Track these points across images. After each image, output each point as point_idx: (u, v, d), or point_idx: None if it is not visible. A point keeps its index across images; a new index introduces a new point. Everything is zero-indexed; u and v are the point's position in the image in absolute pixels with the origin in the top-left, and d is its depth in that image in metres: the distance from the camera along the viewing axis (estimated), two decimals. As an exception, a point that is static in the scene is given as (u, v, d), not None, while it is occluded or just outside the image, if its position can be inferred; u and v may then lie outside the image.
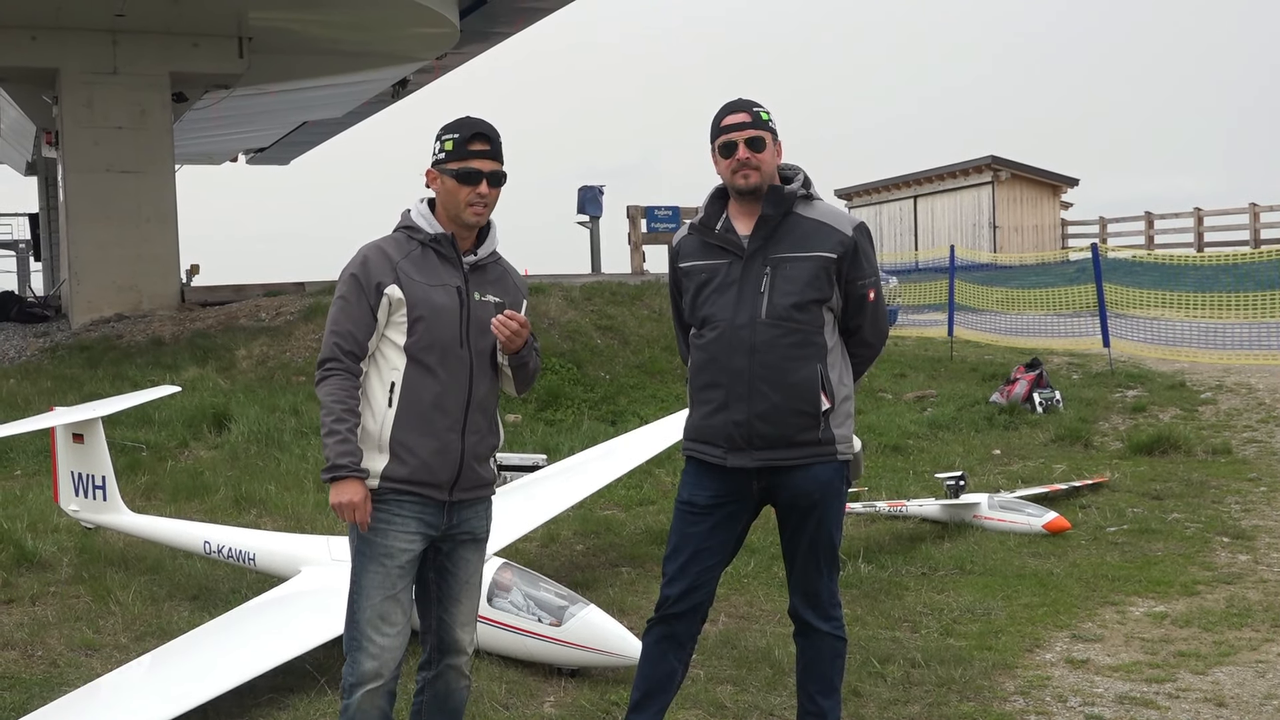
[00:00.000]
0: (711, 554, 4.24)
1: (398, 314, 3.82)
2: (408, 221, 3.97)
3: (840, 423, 4.16)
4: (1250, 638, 5.98)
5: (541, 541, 8.05)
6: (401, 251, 3.87)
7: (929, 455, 11.19)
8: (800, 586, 4.29)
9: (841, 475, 4.21)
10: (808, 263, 4.09)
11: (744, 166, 4.13)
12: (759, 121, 4.15)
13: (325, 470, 3.76)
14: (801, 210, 4.17)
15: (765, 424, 4.08)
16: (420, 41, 20.93)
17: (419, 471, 3.81)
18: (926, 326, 19.70)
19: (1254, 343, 14.66)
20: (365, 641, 3.80)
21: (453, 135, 3.89)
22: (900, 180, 38.82)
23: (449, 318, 3.85)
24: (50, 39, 18.01)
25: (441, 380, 3.83)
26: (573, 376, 13.75)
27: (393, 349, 3.84)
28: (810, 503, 4.16)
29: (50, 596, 6.93)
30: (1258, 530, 8.20)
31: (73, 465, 7.35)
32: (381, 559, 3.83)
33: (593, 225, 23.37)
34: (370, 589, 3.82)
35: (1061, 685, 5.41)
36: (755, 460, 4.11)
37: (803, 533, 4.22)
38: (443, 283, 3.87)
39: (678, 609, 4.25)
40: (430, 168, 3.93)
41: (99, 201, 18.15)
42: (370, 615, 3.80)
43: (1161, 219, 32.54)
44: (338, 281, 3.93)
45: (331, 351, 3.83)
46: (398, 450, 3.80)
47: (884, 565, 7.47)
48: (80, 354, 15.59)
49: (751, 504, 4.25)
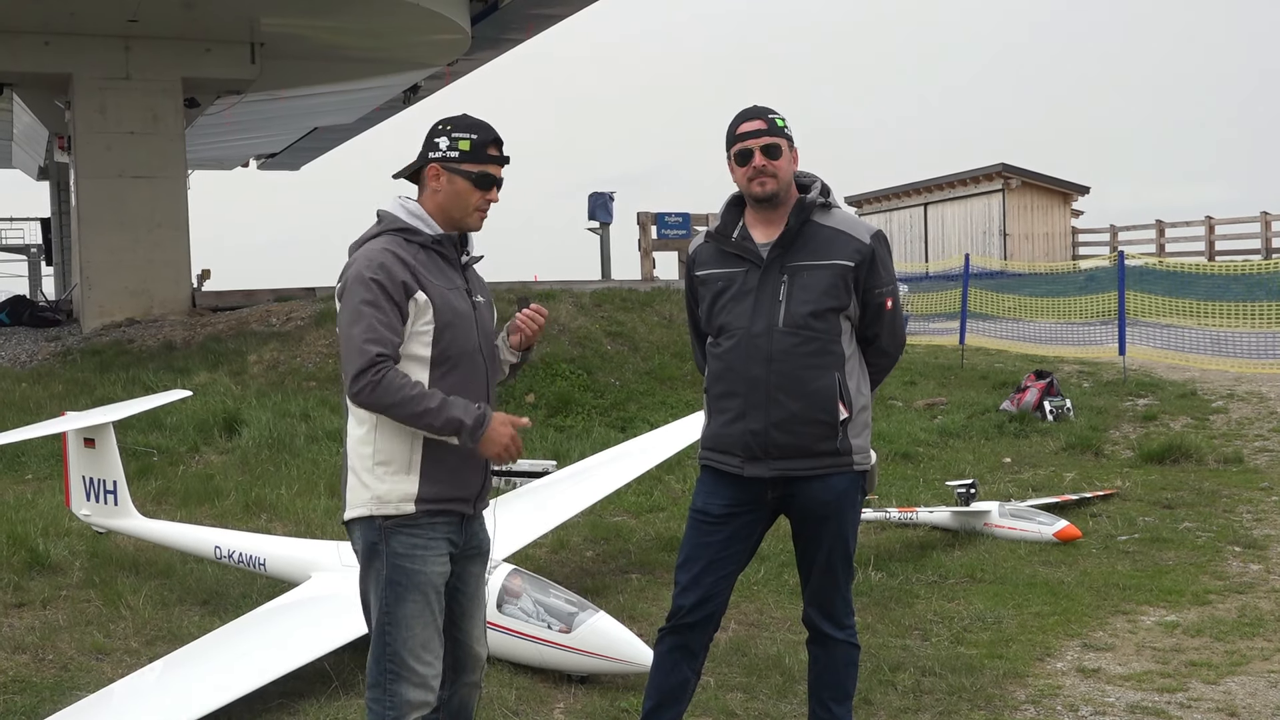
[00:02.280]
0: (725, 564, 4.22)
1: (420, 322, 3.61)
2: (398, 223, 3.72)
3: (858, 433, 4.14)
4: (1262, 648, 5.96)
5: (551, 548, 8.05)
6: (409, 254, 3.65)
7: (939, 463, 11.17)
8: (815, 596, 4.28)
9: (858, 485, 4.19)
10: (825, 271, 4.07)
11: (760, 174, 4.11)
12: (774, 128, 4.13)
13: (464, 436, 3.53)
14: (819, 218, 4.15)
15: (782, 433, 4.06)
16: (432, 48, 20.97)
17: (452, 488, 3.69)
18: (937, 335, 19.68)
19: (1265, 352, 14.61)
20: (407, 672, 3.65)
21: (468, 135, 3.71)
22: (910, 188, 38.78)
23: (468, 323, 3.73)
24: (63, 44, 18.08)
25: (466, 388, 3.68)
26: (583, 383, 13.76)
27: (412, 361, 3.62)
28: (826, 513, 4.15)
29: (61, 600, 6.95)
30: (1269, 540, 8.17)
31: (84, 470, 7.36)
32: (422, 588, 3.66)
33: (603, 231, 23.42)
34: (410, 619, 3.65)
35: (1073, 694, 5.39)
36: (772, 470, 4.10)
37: (818, 543, 4.20)
38: (455, 286, 3.72)
39: (691, 619, 4.23)
40: (434, 164, 3.73)
41: (111, 206, 18.22)
42: (413, 645, 3.65)
43: (1173, 227, 32.46)
44: (346, 291, 3.62)
45: (368, 360, 3.50)
46: (429, 469, 3.63)
47: (895, 573, 7.45)
48: (92, 358, 15.64)
49: (766, 513, 4.23)
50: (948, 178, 37.13)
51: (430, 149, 3.75)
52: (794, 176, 4.22)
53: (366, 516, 3.67)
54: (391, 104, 26.97)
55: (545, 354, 14.27)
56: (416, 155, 3.80)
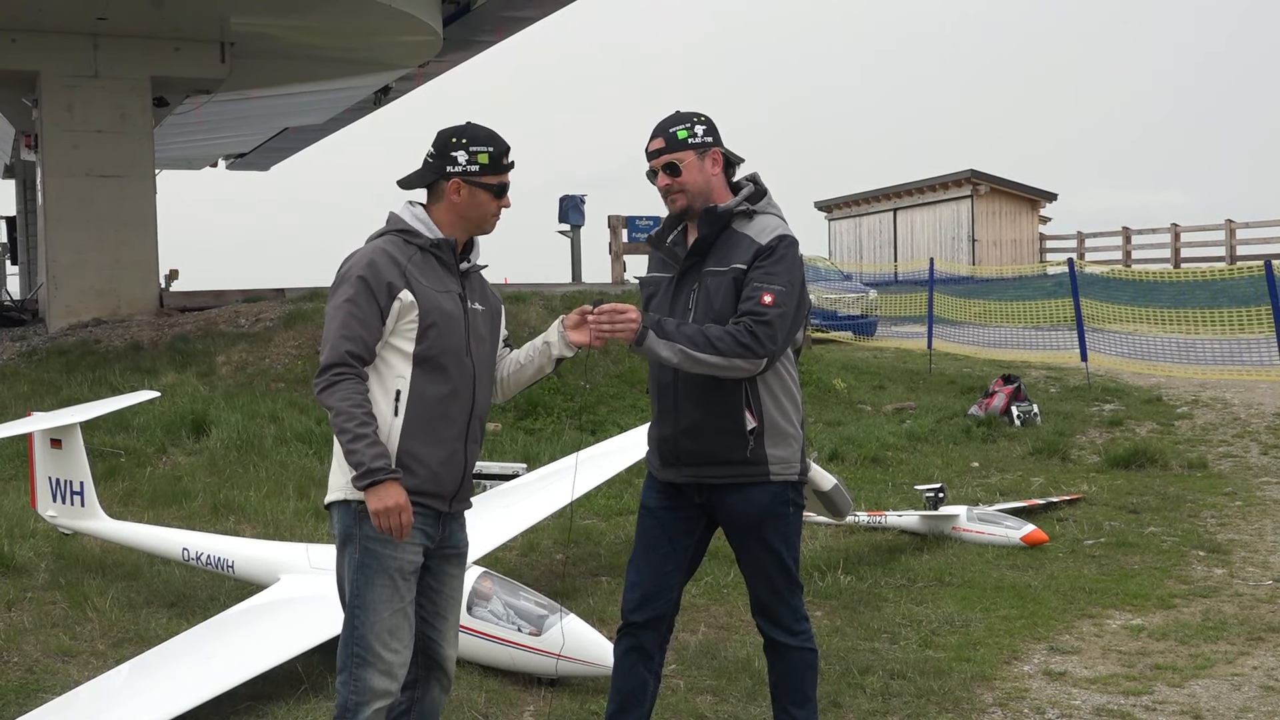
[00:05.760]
0: (668, 559, 4.23)
1: (406, 319, 3.71)
2: (401, 225, 3.85)
3: (775, 443, 4.08)
4: (1226, 651, 6.02)
5: (521, 550, 8.04)
6: (405, 255, 3.76)
7: (908, 467, 11.24)
8: (759, 605, 4.30)
9: (783, 498, 4.13)
10: (726, 277, 4.05)
11: (667, 192, 4.13)
12: (674, 143, 4.09)
13: (361, 476, 3.59)
14: (739, 225, 4.12)
15: (690, 440, 4.09)
16: (403, 49, 20.90)
17: (428, 482, 3.75)
18: (905, 339, 19.78)
19: (1229, 358, 14.77)
20: (373, 658, 3.69)
21: (486, 149, 3.81)
22: (880, 193, 38.97)
23: (456, 325, 3.80)
24: (30, 42, 17.90)
25: (449, 388, 3.77)
26: (552, 385, 13.74)
27: (398, 356, 3.74)
28: (748, 526, 4.15)
29: (27, 602, 6.88)
30: (1233, 544, 8.26)
31: (50, 471, 7.31)
32: (391, 572, 3.71)
33: (574, 234, 23.39)
34: (378, 603, 3.70)
35: (1039, 697, 5.44)
36: (684, 476, 4.15)
37: (747, 554, 4.21)
38: (447, 289, 3.80)
39: (636, 618, 4.25)
40: (457, 179, 3.80)
41: (78, 205, 18.05)
42: (379, 630, 3.70)
43: (1139, 234, 32.78)
44: (337, 284, 3.78)
45: (340, 356, 3.65)
46: (406, 460, 3.70)
47: (863, 576, 7.49)
48: (58, 358, 15.49)
49: (700, 513, 4.23)
50: (917, 183, 37.34)
51: (448, 163, 3.83)
52: (735, 181, 4.21)
53: (343, 500, 3.76)
54: (362, 105, 26.86)
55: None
56: (425, 166, 3.88)
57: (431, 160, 3.86)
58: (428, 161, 3.87)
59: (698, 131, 4.12)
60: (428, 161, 3.87)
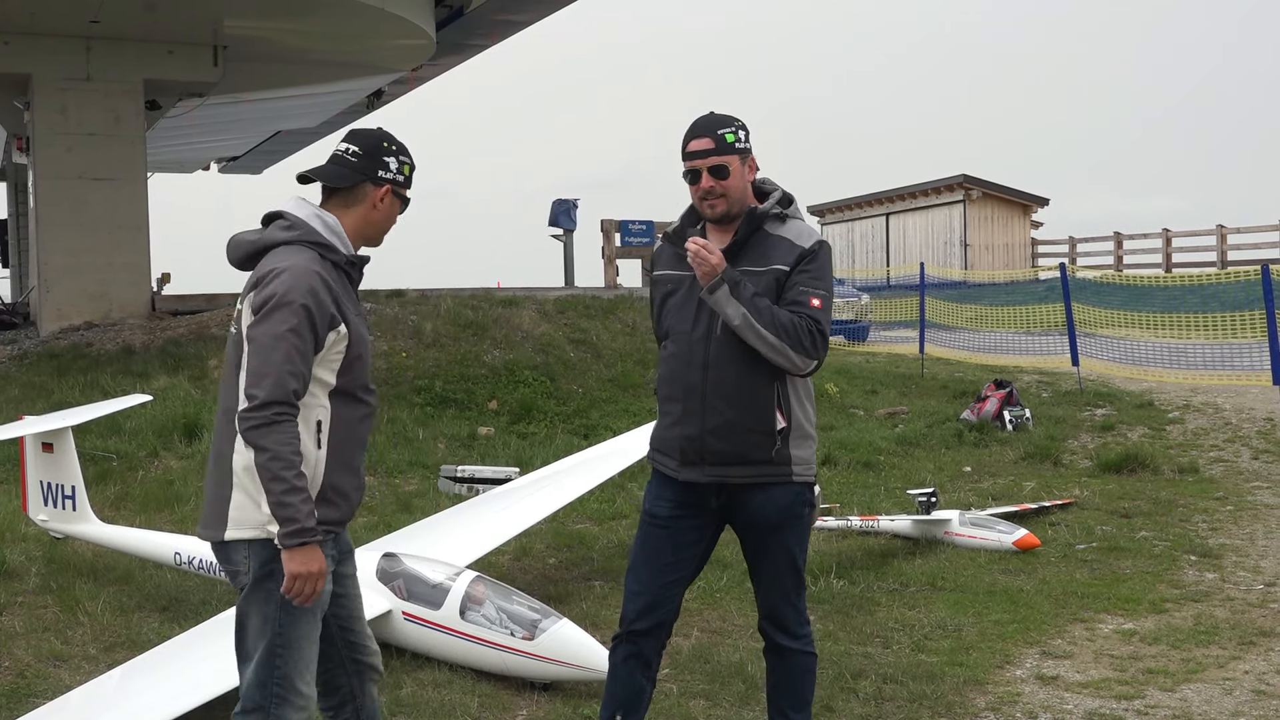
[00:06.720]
0: (673, 569, 4.22)
1: (334, 350, 3.51)
2: (316, 236, 3.55)
3: (799, 444, 4.14)
4: (1218, 655, 6.04)
5: (514, 555, 8.04)
6: (331, 277, 3.51)
7: (900, 471, 11.25)
8: (766, 608, 4.30)
9: (802, 498, 4.17)
10: (764, 277, 4.05)
11: (709, 195, 4.10)
12: (723, 146, 4.07)
13: (291, 535, 3.35)
14: (770, 228, 4.13)
15: (718, 439, 4.06)
16: (396, 53, 20.89)
17: (346, 514, 3.62)
18: (897, 343, 19.79)
19: (1221, 363, 14.80)
20: (295, 696, 3.54)
21: (409, 161, 3.66)
22: (873, 198, 39.04)
23: (369, 350, 3.67)
24: (23, 44, 17.86)
25: (364, 412, 3.64)
26: (545, 390, 13.74)
27: (319, 386, 3.51)
28: (769, 526, 4.15)
29: (18, 606, 6.87)
30: (1224, 549, 8.28)
31: (42, 474, 7.29)
32: (314, 610, 3.55)
33: (566, 239, 23.38)
34: (302, 641, 3.54)
35: (1032, 701, 5.45)
36: (707, 475, 4.10)
37: (763, 555, 4.21)
38: (360, 313, 3.62)
39: (639, 626, 4.23)
40: (389, 185, 3.62)
41: (71, 209, 18.01)
42: (301, 668, 3.55)
43: (1131, 239, 32.84)
44: (273, 307, 3.42)
45: (285, 394, 3.37)
46: (330, 495, 3.53)
47: (856, 581, 7.49)
48: (49, 362, 15.45)
49: (713, 519, 4.23)
50: (909, 188, 37.42)
51: (381, 168, 3.61)
52: (757, 184, 4.21)
53: (261, 539, 3.48)
54: (355, 108, 26.84)
55: (507, 360, 14.26)
56: (348, 165, 3.61)
57: (356, 160, 3.60)
58: (350, 160, 3.60)
59: (741, 136, 4.12)
60: (350, 160, 3.60)
